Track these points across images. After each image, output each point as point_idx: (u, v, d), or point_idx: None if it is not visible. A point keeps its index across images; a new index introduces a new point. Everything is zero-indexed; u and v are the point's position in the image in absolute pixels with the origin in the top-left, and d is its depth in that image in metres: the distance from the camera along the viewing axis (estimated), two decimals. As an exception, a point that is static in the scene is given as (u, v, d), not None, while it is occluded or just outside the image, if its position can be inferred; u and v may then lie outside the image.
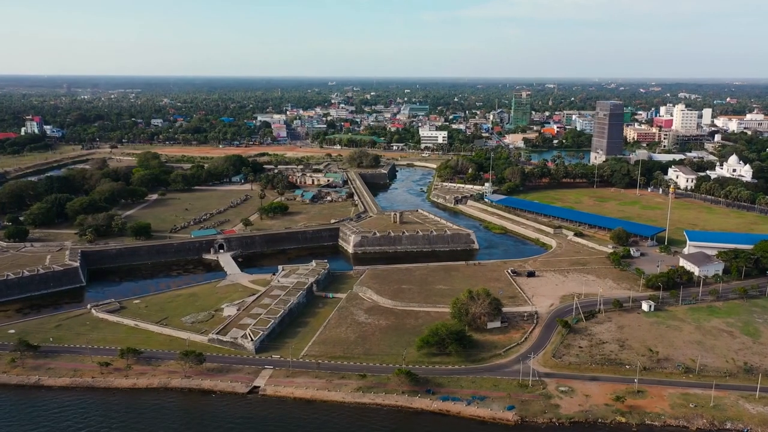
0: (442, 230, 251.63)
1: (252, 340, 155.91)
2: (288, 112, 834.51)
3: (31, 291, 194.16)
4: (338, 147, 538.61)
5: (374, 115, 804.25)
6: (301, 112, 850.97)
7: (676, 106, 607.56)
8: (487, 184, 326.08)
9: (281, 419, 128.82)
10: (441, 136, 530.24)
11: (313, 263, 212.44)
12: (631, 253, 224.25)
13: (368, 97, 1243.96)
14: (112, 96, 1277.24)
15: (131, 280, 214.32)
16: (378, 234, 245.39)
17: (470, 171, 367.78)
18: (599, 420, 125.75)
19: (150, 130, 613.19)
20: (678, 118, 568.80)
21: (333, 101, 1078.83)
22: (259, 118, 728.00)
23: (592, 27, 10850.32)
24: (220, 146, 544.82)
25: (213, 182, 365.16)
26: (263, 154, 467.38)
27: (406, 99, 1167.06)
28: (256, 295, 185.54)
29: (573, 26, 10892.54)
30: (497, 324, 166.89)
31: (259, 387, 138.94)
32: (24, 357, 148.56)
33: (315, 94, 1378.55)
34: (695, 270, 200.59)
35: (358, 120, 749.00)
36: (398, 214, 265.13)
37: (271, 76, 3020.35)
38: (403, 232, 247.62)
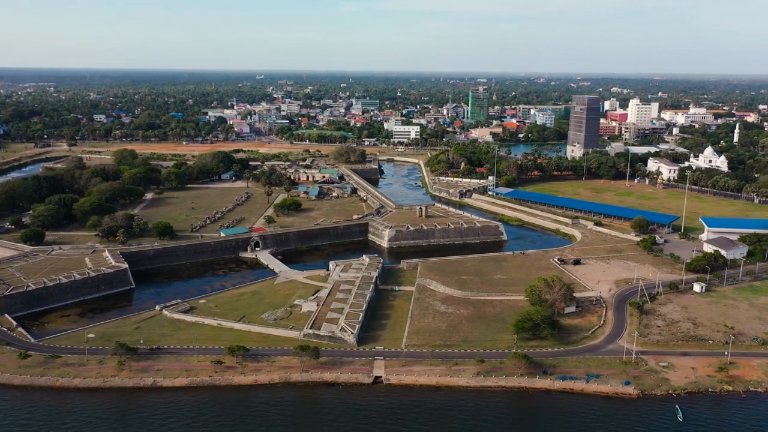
0: (471, 223, 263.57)
1: (352, 333, 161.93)
2: (235, 107, 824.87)
3: (84, 295, 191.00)
4: (307, 142, 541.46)
5: (328, 110, 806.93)
6: (248, 107, 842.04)
7: (631, 101, 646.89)
8: (491, 178, 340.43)
9: (416, 404, 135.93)
10: (413, 131, 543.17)
11: (365, 258, 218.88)
12: (657, 240, 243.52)
13: (308, 91, 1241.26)
14: (29, 90, 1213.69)
15: (179, 280, 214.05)
16: (411, 228, 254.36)
17: (463, 165, 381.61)
18: (709, 389, 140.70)
19: (96, 126, 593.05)
20: (633, 112, 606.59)
21: (275, 96, 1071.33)
22: (210, 114, 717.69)
23: (511, 22, 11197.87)
24: (184, 143, 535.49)
25: (203, 180, 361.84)
26: (238, 151, 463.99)
27: (348, 93, 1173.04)
28: (327, 291, 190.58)
29: (492, 20, 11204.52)
30: (572, 309, 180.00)
31: (380, 377, 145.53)
32: (127, 360, 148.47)
33: (249, 88, 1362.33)
34: (723, 253, 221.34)
35: (313, 115, 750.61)
36: (424, 208, 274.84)
37: (191, 69, 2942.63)
38: (435, 226, 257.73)
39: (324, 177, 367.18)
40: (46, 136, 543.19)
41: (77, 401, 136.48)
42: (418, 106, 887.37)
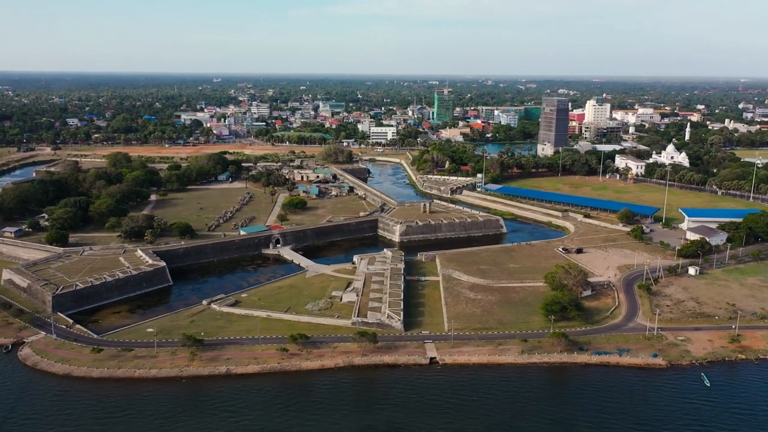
0: (474, 217, 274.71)
1: (399, 319, 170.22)
2: (206, 110, 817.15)
3: (127, 292, 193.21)
4: (287, 144, 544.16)
5: (298, 112, 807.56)
6: (218, 110, 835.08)
7: (588, 102, 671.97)
8: (479, 176, 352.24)
9: (471, 380, 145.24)
10: (390, 132, 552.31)
11: (386, 252, 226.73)
12: (644, 229, 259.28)
13: (271, 93, 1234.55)
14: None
15: (213, 276, 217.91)
16: (420, 223, 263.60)
17: (448, 164, 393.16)
18: (726, 358, 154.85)
19: (71, 129, 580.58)
20: (590, 112, 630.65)
21: (240, 99, 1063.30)
22: (183, 117, 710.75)
23: (457, 26, 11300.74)
24: (166, 145, 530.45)
25: (201, 181, 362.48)
26: (224, 153, 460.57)
27: (311, 96, 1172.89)
28: (362, 282, 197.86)
29: (438, 25, 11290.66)
30: (588, 292, 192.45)
31: (435, 358, 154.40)
32: (197, 351, 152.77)
33: (210, 91, 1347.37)
34: (708, 240, 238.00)
35: (284, 117, 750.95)
36: (428, 205, 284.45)
37: (146, 72, 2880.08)
38: (442, 221, 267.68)
39: (318, 177, 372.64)
40: (25, 141, 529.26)
41: (158, 390, 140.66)
42: (383, 108, 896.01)
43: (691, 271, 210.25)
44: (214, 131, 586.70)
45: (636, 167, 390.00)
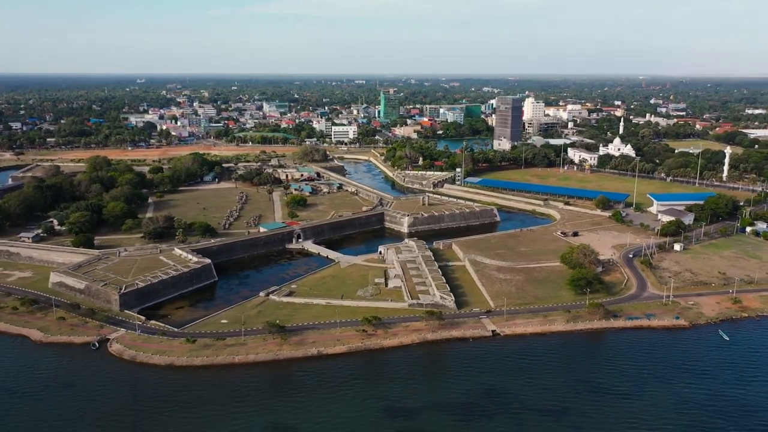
0: (471, 208, 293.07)
1: (452, 299, 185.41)
2: (150, 112, 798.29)
3: (181, 289, 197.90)
4: (250, 144, 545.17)
5: (247, 113, 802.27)
6: (162, 111, 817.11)
7: (526, 99, 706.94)
8: (458, 169, 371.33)
9: (532, 346, 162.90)
10: (351, 131, 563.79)
11: (408, 241, 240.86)
12: (622, 214, 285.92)
13: (206, 95, 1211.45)
14: None
15: (251, 270, 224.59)
16: (426, 214, 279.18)
17: (422, 160, 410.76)
18: (732, 317, 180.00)
19: (19, 133, 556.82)
20: (529, 109, 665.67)
21: (179, 100, 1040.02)
22: (132, 119, 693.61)
23: (378, 27, 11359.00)
24: (129, 148, 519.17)
25: (189, 182, 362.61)
26: (195, 154, 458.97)
27: (247, 96, 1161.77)
28: (401, 270, 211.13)
29: (360, 25, 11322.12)
30: (600, 269, 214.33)
31: (495, 330, 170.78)
32: (285, 336, 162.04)
33: (142, 93, 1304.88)
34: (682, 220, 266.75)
35: (235, 118, 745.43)
36: (426, 198, 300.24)
37: (63, 73, 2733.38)
38: (444, 212, 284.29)
39: (303, 175, 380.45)
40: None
41: (260, 373, 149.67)
42: (326, 108, 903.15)
43: (677, 247, 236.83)
44: (173, 133, 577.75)
45: (590, 159, 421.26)
